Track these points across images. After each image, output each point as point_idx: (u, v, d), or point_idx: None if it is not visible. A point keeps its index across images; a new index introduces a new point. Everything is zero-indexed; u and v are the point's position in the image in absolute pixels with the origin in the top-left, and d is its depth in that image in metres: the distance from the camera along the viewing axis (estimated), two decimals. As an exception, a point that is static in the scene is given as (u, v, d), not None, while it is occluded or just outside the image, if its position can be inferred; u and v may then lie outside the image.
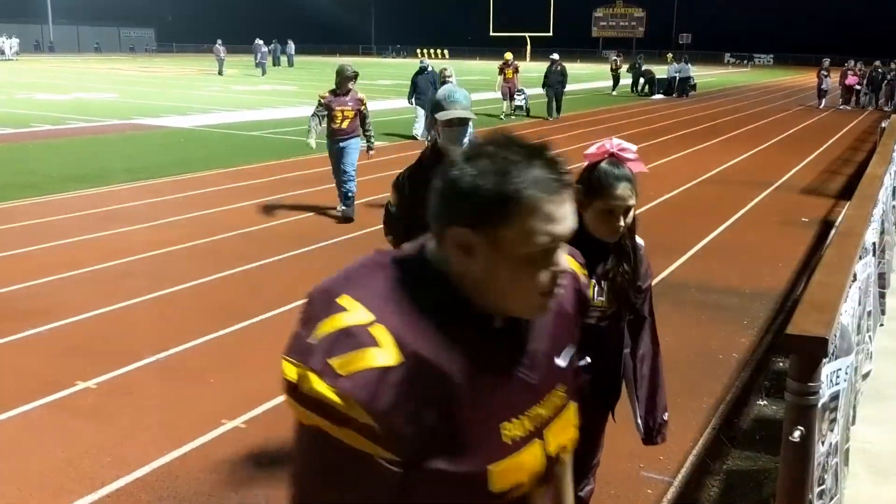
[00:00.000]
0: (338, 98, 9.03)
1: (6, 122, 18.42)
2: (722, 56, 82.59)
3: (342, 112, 8.97)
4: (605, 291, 2.63)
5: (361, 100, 9.14)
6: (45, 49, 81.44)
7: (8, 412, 4.41)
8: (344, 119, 9.00)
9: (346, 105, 9.00)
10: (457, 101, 3.35)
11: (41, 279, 6.81)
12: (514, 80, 22.01)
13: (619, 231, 2.59)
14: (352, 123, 9.06)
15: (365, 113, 9.15)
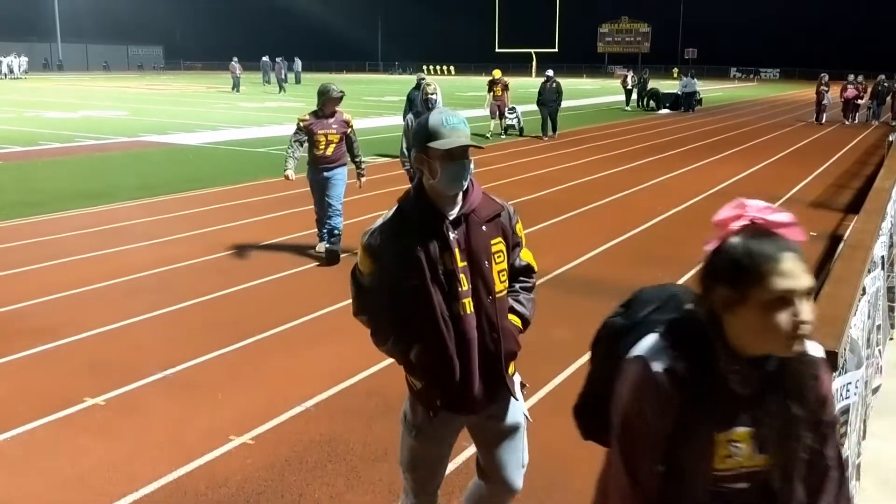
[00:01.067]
0: (320, 121, 7.89)
1: (15, 140, 18.54)
2: (727, 70, 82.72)
3: (326, 136, 7.87)
4: (757, 442, 1.75)
5: (347, 122, 8.05)
6: (54, 67, 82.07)
7: (17, 429, 4.42)
8: (328, 144, 7.90)
9: (330, 128, 7.88)
10: (456, 128, 2.56)
11: (49, 296, 6.83)
12: (503, 97, 21.16)
13: (801, 333, 1.65)
14: (337, 150, 7.97)
15: (352, 137, 8.07)
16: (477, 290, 2.58)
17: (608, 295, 7.02)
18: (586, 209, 11.08)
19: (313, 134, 7.85)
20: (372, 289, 2.70)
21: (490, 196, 2.71)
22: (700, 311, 1.77)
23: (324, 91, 7.91)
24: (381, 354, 5.35)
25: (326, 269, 7.83)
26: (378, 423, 4.53)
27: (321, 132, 7.84)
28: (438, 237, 2.54)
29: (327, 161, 7.94)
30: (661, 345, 1.78)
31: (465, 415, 2.75)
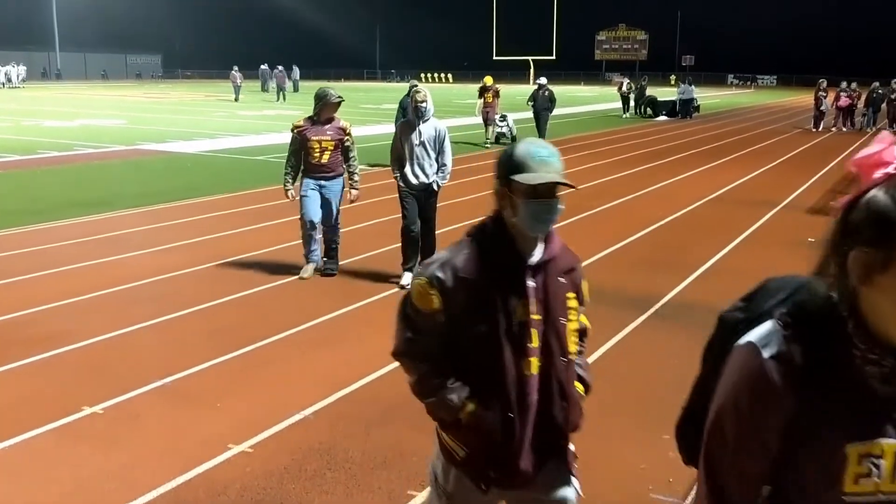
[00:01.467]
0: (315, 126, 7.50)
1: (14, 148, 18.54)
2: (725, 77, 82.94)
3: (320, 143, 7.44)
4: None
5: (345, 129, 7.59)
6: (52, 76, 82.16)
7: (15, 437, 4.40)
8: (323, 152, 7.46)
9: (324, 135, 7.47)
10: (546, 161, 2.31)
11: (48, 305, 6.82)
12: (493, 104, 20.79)
13: None
14: (333, 157, 7.53)
15: (349, 146, 7.61)
16: (549, 348, 2.25)
17: (608, 301, 7.03)
18: (586, 215, 11.08)
19: (307, 140, 7.43)
20: (429, 331, 2.28)
21: (566, 246, 2.44)
22: (830, 285, 1.38)
23: (321, 95, 7.51)
24: (379, 362, 5.34)
25: (323, 278, 7.82)
26: (377, 431, 4.52)
27: (315, 138, 7.43)
28: (516, 283, 2.23)
29: (323, 170, 7.51)
30: (775, 328, 1.41)
31: (516, 490, 2.35)
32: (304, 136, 7.46)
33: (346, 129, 7.62)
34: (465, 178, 13.58)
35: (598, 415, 4.74)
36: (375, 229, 9.88)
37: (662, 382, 5.24)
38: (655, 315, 6.72)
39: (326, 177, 7.55)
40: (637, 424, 4.62)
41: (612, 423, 4.60)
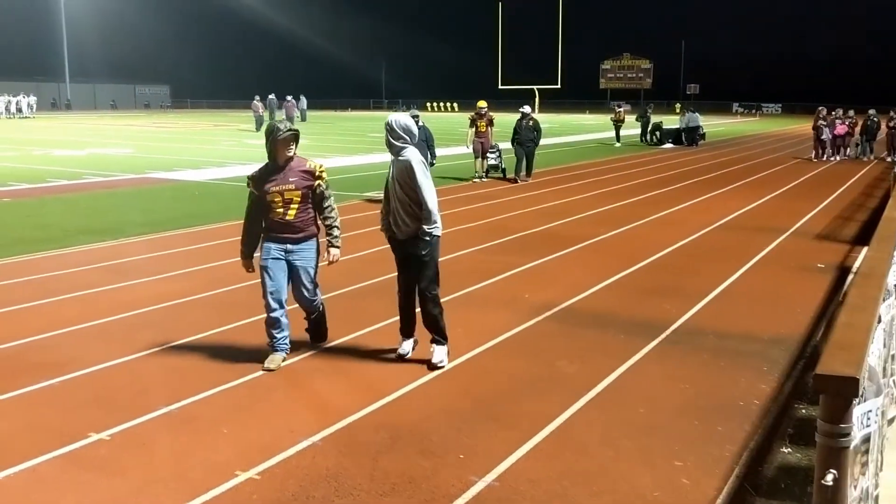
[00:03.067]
0: (273, 174, 5.79)
1: (23, 177, 18.66)
2: (730, 105, 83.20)
3: (282, 195, 5.76)
4: None
5: (313, 172, 5.85)
6: (62, 106, 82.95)
7: (22, 464, 4.36)
8: (287, 206, 5.79)
9: (286, 183, 5.76)
10: None
11: (55, 332, 6.80)
12: (487, 134, 18.39)
13: None
14: (302, 212, 5.84)
15: (324, 192, 5.92)
16: None
17: (617, 328, 6.99)
18: (592, 242, 11.06)
19: (265, 194, 5.77)
20: None
21: None
22: None
23: (269, 132, 5.78)
24: (387, 388, 5.33)
25: (334, 302, 7.79)
26: (385, 458, 4.47)
27: (275, 189, 5.74)
28: None
29: (290, 230, 5.82)
30: None
31: None
32: (261, 188, 5.79)
33: (316, 171, 5.85)
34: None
35: (608, 441, 4.69)
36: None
37: (673, 408, 5.18)
38: (666, 341, 6.67)
39: (294, 239, 5.84)
40: (648, 450, 4.56)
41: (623, 450, 4.55)
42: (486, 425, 4.91)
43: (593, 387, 5.57)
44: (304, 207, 5.84)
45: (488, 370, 5.94)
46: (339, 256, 6.00)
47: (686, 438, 4.72)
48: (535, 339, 6.73)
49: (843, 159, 25.71)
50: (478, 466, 4.34)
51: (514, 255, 10.01)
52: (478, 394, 5.44)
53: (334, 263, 5.98)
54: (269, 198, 5.76)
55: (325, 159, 24.20)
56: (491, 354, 6.31)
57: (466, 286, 8.32)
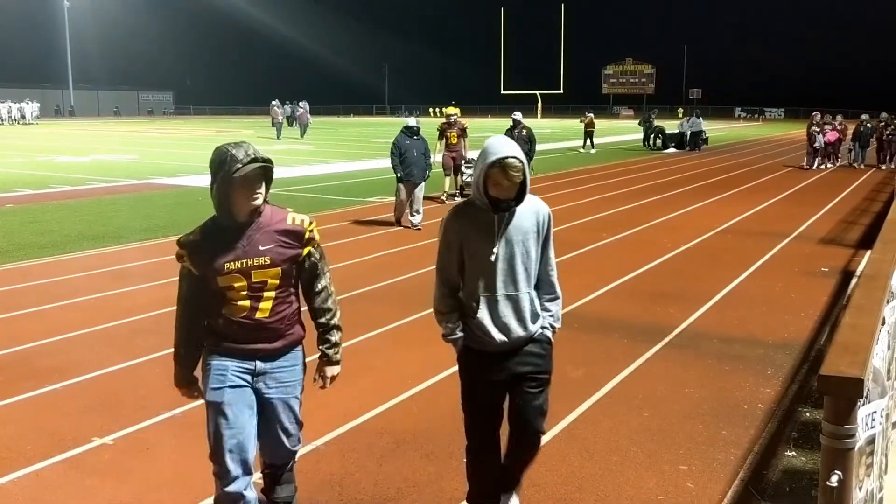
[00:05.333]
0: (228, 242, 3.23)
1: (27, 183, 18.70)
2: (732, 110, 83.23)
3: (246, 275, 3.22)
4: None
5: (298, 233, 3.32)
6: (66, 113, 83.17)
7: (24, 469, 4.36)
8: (256, 296, 3.26)
9: (255, 255, 3.23)
10: None
11: (57, 337, 6.81)
12: (460, 146, 15.56)
13: None
14: (281, 304, 3.32)
15: (315, 264, 3.41)
16: None
17: (621, 332, 6.98)
18: (595, 246, 11.05)
19: (215, 275, 3.20)
20: None
21: None
22: None
23: (216, 163, 3.19)
24: (390, 393, 5.31)
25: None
26: (389, 463, 4.46)
27: (233, 267, 3.20)
28: None
29: (261, 337, 3.29)
30: None
31: None
32: (207, 266, 3.21)
33: (305, 232, 3.32)
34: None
35: (614, 445, 4.68)
36: (399, 257, 9.85)
37: (677, 413, 5.17)
38: (670, 345, 6.66)
39: (268, 352, 3.32)
40: (653, 455, 4.55)
41: (628, 454, 4.54)
42: (489, 429, 4.89)
43: (597, 391, 5.56)
44: (283, 295, 3.27)
45: (492, 374, 5.92)
46: (335, 376, 3.51)
47: (691, 442, 4.71)
48: (539, 343, 6.71)
49: (833, 167, 24.55)
50: (481, 470, 4.32)
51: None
52: (481, 398, 5.43)
53: (327, 386, 3.55)
54: (224, 282, 3.16)
55: (328, 165, 24.27)
56: (494, 359, 6.29)
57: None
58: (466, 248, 3.33)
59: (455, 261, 3.38)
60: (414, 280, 8.74)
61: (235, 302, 3.22)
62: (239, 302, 3.22)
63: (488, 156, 3.19)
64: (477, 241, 3.31)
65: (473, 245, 3.32)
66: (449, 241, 3.38)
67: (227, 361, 3.29)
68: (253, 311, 3.24)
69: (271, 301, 3.26)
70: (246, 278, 3.19)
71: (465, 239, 3.33)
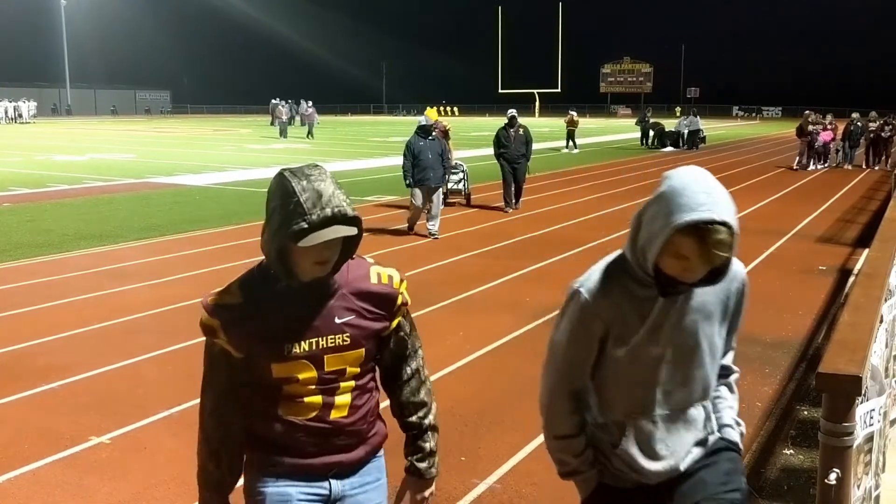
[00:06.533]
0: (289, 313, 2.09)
1: (24, 182, 18.67)
2: (730, 109, 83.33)
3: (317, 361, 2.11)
4: None
5: (388, 298, 2.18)
6: (63, 112, 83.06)
7: (23, 468, 4.35)
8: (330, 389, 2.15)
9: (330, 331, 2.10)
10: None
11: (55, 336, 6.79)
12: None
13: None
14: (361, 398, 2.22)
15: (404, 337, 2.27)
16: None
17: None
18: (593, 245, 11.05)
19: (270, 360, 2.11)
20: None
21: None
22: None
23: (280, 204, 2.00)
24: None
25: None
26: (387, 460, 4.45)
27: (298, 350, 2.09)
28: None
29: (337, 445, 2.21)
30: None
31: None
32: (255, 346, 2.11)
33: (397, 296, 2.21)
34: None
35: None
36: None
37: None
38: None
39: (346, 465, 2.26)
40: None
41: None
42: (488, 428, 4.90)
43: (595, 389, 5.55)
44: (363, 384, 2.25)
45: (490, 373, 5.93)
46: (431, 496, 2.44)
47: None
48: (537, 342, 6.71)
49: (823, 168, 24.03)
50: (480, 469, 4.33)
51: (514, 259, 10.00)
52: (480, 396, 5.43)
53: None
54: (283, 371, 2.13)
55: (328, 163, 24.24)
56: (492, 357, 6.30)
57: (467, 290, 8.31)
58: (614, 340, 2.12)
59: (590, 358, 2.17)
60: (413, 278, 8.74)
61: (299, 399, 2.13)
62: (305, 399, 2.13)
63: (679, 210, 1.91)
64: (629, 330, 2.10)
65: (623, 336, 2.11)
66: (584, 326, 2.14)
67: (289, 486, 2.21)
68: (326, 409, 2.15)
69: (349, 394, 2.18)
70: (316, 366, 2.11)
71: (614, 326, 2.12)
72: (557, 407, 2.26)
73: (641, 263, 2.06)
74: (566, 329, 2.18)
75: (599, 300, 2.13)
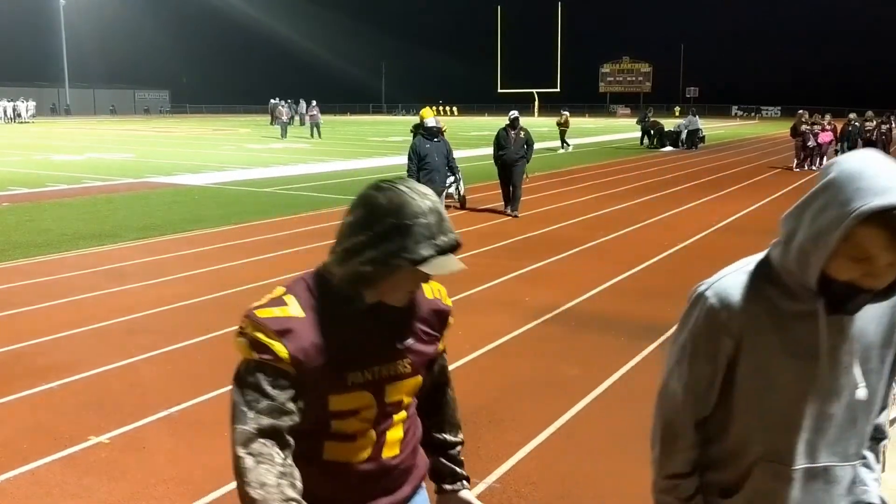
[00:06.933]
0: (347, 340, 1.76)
1: (23, 182, 18.65)
2: (729, 109, 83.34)
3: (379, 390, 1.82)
4: None
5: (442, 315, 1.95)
6: (62, 112, 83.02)
7: (21, 468, 4.35)
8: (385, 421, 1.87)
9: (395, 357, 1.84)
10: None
11: (54, 335, 6.79)
12: None
13: None
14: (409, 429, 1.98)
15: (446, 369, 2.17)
16: None
17: (618, 330, 6.98)
18: (592, 245, 11.05)
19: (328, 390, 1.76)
20: None
21: None
22: None
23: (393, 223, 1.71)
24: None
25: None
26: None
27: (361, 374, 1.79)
28: None
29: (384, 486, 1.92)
30: None
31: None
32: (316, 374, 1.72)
33: (448, 313, 1.98)
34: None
35: (611, 443, 4.68)
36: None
37: (675, 410, 5.16)
38: (667, 343, 6.65)
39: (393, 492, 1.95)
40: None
41: (626, 451, 4.53)
42: (487, 427, 4.89)
43: (595, 388, 5.56)
44: (413, 414, 2.02)
45: (489, 373, 5.93)
46: None
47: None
48: (536, 341, 6.72)
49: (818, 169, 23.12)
50: (479, 468, 4.32)
51: (513, 259, 10.00)
52: (479, 396, 5.42)
53: None
54: (342, 403, 1.79)
55: (327, 164, 24.25)
56: (492, 357, 6.29)
57: (466, 289, 8.31)
58: (746, 363, 1.68)
59: (715, 379, 1.74)
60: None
61: (351, 438, 1.83)
62: (358, 437, 1.83)
63: (861, 196, 1.49)
64: (766, 352, 1.66)
65: (757, 360, 1.67)
66: (710, 339, 1.72)
67: None
68: (378, 448, 1.87)
69: (402, 427, 1.92)
70: (376, 398, 1.82)
71: (747, 345, 1.67)
72: (674, 439, 1.80)
73: (800, 270, 1.59)
74: (687, 341, 1.77)
75: (731, 308, 1.67)
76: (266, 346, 1.72)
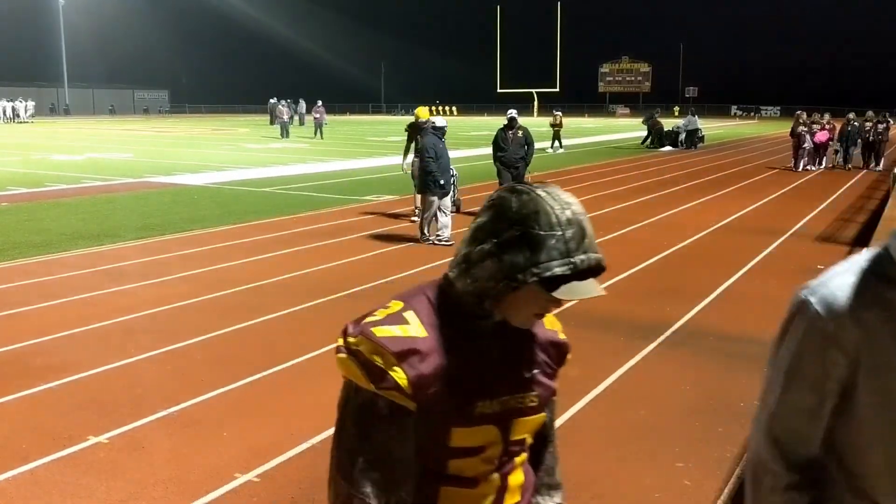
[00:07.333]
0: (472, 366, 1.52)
1: (22, 181, 18.64)
2: (728, 108, 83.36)
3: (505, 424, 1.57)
4: None
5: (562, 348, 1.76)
6: (61, 112, 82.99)
7: (20, 467, 4.34)
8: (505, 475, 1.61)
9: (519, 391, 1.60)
10: None
11: (53, 335, 6.78)
12: None
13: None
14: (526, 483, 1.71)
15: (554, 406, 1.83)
16: None
17: (618, 330, 6.97)
18: (592, 245, 11.03)
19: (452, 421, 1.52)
20: None
21: None
22: None
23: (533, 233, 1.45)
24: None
25: (331, 306, 7.77)
26: None
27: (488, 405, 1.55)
28: None
29: None
30: None
31: None
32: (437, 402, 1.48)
33: (568, 346, 1.78)
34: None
35: (611, 443, 4.67)
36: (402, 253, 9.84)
37: (674, 410, 5.16)
38: (666, 343, 6.65)
39: None
40: (650, 452, 4.54)
41: (625, 451, 4.53)
42: (486, 427, 4.88)
43: (594, 388, 5.56)
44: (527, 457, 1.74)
45: (488, 372, 5.91)
46: None
47: (687, 440, 4.71)
48: (535, 341, 6.70)
49: (816, 169, 23.41)
50: (478, 468, 4.31)
51: (514, 258, 9.97)
52: (478, 396, 5.41)
53: None
54: (466, 439, 1.53)
55: (326, 164, 24.25)
56: (491, 356, 6.27)
57: (466, 289, 8.29)
58: (867, 387, 1.38)
59: (822, 416, 1.45)
60: (412, 278, 8.73)
61: (471, 481, 1.58)
62: (480, 480, 1.58)
63: None
64: (891, 367, 1.36)
65: (882, 378, 1.37)
66: (815, 355, 1.43)
67: None
68: (500, 495, 1.62)
69: (522, 470, 1.68)
70: (503, 434, 1.58)
71: (866, 365, 1.37)
72: (767, 475, 1.49)
73: None
74: (786, 358, 1.46)
75: (841, 317, 1.36)
76: (385, 373, 1.47)
